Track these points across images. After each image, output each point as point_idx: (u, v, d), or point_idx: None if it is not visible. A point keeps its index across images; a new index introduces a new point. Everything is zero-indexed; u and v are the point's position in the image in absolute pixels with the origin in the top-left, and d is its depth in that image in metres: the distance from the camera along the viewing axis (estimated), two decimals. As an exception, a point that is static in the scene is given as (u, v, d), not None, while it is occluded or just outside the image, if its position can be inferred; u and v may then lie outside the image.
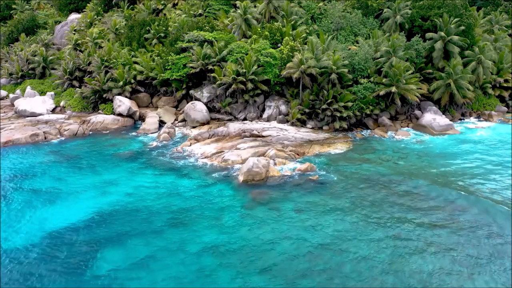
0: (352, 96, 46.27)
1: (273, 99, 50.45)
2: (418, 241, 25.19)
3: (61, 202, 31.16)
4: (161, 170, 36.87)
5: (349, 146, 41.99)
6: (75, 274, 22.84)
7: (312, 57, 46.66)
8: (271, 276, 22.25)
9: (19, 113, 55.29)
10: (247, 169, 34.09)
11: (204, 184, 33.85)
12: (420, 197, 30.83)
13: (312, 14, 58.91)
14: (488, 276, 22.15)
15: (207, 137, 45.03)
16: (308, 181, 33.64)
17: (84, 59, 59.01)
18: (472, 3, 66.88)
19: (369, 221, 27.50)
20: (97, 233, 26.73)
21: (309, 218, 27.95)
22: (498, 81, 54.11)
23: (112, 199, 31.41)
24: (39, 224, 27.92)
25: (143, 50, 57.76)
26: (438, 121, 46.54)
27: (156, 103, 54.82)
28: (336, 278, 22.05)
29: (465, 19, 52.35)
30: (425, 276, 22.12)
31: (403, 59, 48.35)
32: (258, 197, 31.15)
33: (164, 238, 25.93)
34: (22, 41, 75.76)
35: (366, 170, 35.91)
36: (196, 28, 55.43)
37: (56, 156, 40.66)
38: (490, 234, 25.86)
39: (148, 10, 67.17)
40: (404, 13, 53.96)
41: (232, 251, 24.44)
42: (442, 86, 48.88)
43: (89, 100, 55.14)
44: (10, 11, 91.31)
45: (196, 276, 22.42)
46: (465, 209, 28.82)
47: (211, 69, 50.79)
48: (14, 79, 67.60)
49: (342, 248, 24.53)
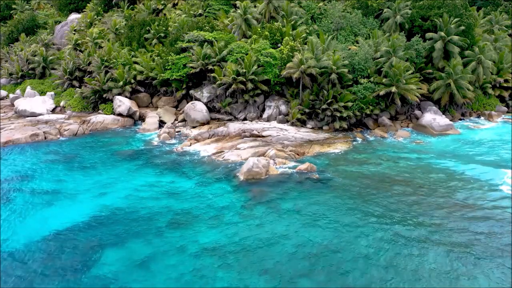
0: (352, 96, 46.29)
1: (273, 99, 50.46)
2: (419, 240, 25.20)
3: (60, 202, 31.15)
4: (161, 170, 36.89)
5: (349, 146, 42.01)
6: (75, 274, 22.83)
7: (312, 57, 46.67)
8: (271, 276, 22.24)
9: (19, 113, 55.31)
10: (247, 169, 34.13)
11: (204, 184, 33.86)
12: (420, 196, 30.86)
13: (312, 14, 58.93)
14: (488, 276, 22.16)
15: (207, 137, 45.05)
16: (308, 181, 33.65)
17: (84, 59, 59.04)
18: (472, 3, 66.90)
19: (369, 220, 27.52)
20: (97, 233, 26.73)
21: (309, 218, 27.96)
22: (498, 81, 54.17)
23: (112, 199, 31.41)
24: (39, 225, 27.90)
25: (143, 50, 57.79)
26: (438, 121, 46.54)
27: (156, 103, 54.83)
28: (336, 278, 22.05)
29: (465, 19, 52.37)
30: (426, 275, 22.12)
31: (403, 59, 48.36)
32: (258, 197, 31.15)
33: (164, 238, 25.92)
34: (22, 41, 75.80)
35: (366, 170, 35.93)
36: (196, 28, 55.47)
37: (56, 156, 40.68)
38: (490, 233, 25.87)
39: (148, 10, 67.21)
40: (404, 13, 53.98)
41: (232, 251, 24.42)
42: (442, 86, 48.89)
43: (89, 100, 55.18)
44: (10, 11, 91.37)
45: (196, 276, 22.41)
46: (465, 209, 28.86)
47: (211, 69, 50.81)
48: (14, 79, 67.65)
49: (342, 248, 24.54)
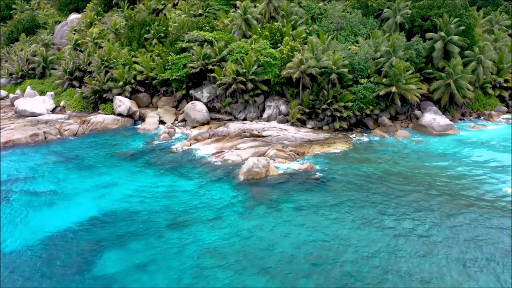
0: (352, 96, 46.28)
1: (273, 99, 50.45)
2: (419, 240, 25.20)
3: (60, 203, 31.15)
4: (161, 170, 36.88)
5: (349, 146, 42.00)
6: (75, 275, 22.83)
7: (312, 57, 46.65)
8: (271, 277, 22.24)
9: (19, 113, 55.27)
10: (247, 169, 34.13)
11: (204, 184, 33.85)
12: (420, 196, 30.84)
13: (312, 14, 58.90)
14: (487, 275, 22.15)
15: (207, 137, 45.04)
16: (308, 181, 33.64)
17: (84, 59, 59.01)
18: (472, 3, 66.84)
19: (369, 220, 27.52)
20: (97, 234, 26.73)
21: (309, 218, 27.97)
22: (498, 81, 54.17)
23: (112, 199, 31.41)
24: (39, 225, 27.91)
25: (143, 50, 57.77)
26: (438, 121, 46.53)
27: (156, 103, 54.82)
28: (336, 278, 22.04)
29: (465, 19, 52.34)
30: (426, 275, 22.12)
31: (403, 59, 48.34)
32: (258, 197, 31.15)
33: (164, 239, 25.91)
34: (22, 41, 75.76)
35: (366, 170, 35.93)
36: (196, 28, 55.46)
37: (56, 156, 40.67)
38: (490, 233, 25.87)
39: (148, 10, 67.17)
40: (404, 13, 53.95)
41: (232, 251, 24.42)
42: (442, 86, 48.87)
43: (89, 100, 55.15)
44: (10, 11, 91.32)
45: (195, 277, 22.40)
46: (465, 209, 28.84)
47: (211, 69, 50.80)
48: (14, 79, 67.61)
49: (342, 248, 24.55)
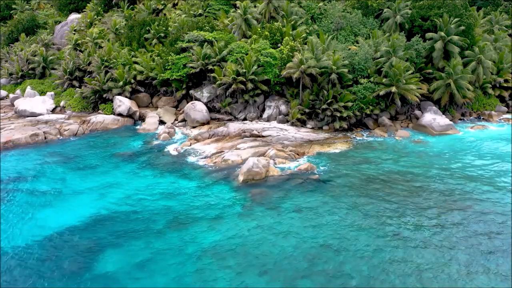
0: (352, 96, 46.28)
1: (273, 99, 50.44)
2: (419, 240, 25.20)
3: (60, 203, 31.16)
4: (161, 170, 36.87)
5: (349, 146, 41.99)
6: (75, 274, 22.84)
7: (312, 57, 46.65)
8: (270, 277, 22.24)
9: (19, 113, 55.26)
10: (247, 169, 34.12)
11: (204, 184, 33.84)
12: (420, 196, 30.85)
13: (312, 14, 58.88)
14: (487, 275, 22.14)
15: (207, 137, 45.04)
16: (308, 181, 33.63)
17: (84, 59, 59.00)
18: (472, 3, 66.81)
19: (369, 220, 27.51)
20: (97, 234, 26.72)
21: (309, 218, 27.96)
22: (498, 81, 54.12)
23: (112, 199, 31.40)
24: (39, 225, 27.92)
25: (143, 50, 57.76)
26: (438, 121, 46.52)
27: (156, 103, 54.82)
28: (336, 278, 22.04)
29: (465, 19, 52.32)
30: (426, 275, 22.12)
31: (403, 59, 48.32)
32: (258, 197, 31.14)
33: (164, 239, 25.91)
34: (22, 41, 75.74)
35: (366, 170, 35.92)
36: (196, 28, 55.44)
37: (56, 156, 40.66)
38: (490, 233, 25.87)
39: (148, 10, 67.15)
40: (404, 13, 53.94)
41: (232, 252, 24.41)
42: (442, 86, 48.86)
43: (89, 100, 55.14)
44: (10, 11, 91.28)
45: (195, 277, 22.41)
46: (465, 209, 28.84)
47: (211, 69, 50.79)
48: (14, 79, 67.59)
49: (342, 248, 24.54)
